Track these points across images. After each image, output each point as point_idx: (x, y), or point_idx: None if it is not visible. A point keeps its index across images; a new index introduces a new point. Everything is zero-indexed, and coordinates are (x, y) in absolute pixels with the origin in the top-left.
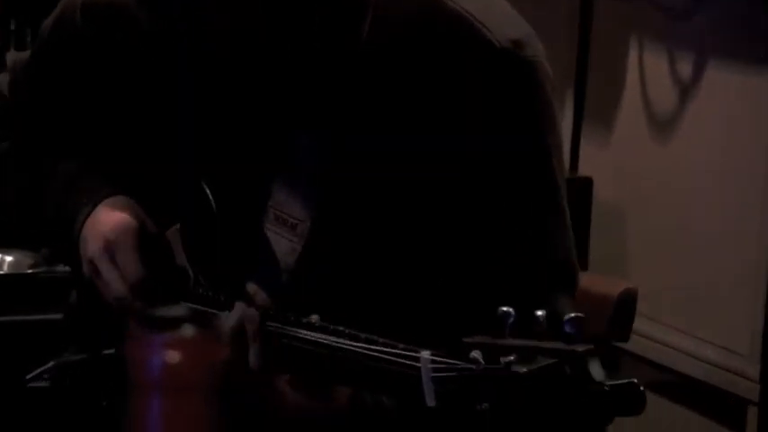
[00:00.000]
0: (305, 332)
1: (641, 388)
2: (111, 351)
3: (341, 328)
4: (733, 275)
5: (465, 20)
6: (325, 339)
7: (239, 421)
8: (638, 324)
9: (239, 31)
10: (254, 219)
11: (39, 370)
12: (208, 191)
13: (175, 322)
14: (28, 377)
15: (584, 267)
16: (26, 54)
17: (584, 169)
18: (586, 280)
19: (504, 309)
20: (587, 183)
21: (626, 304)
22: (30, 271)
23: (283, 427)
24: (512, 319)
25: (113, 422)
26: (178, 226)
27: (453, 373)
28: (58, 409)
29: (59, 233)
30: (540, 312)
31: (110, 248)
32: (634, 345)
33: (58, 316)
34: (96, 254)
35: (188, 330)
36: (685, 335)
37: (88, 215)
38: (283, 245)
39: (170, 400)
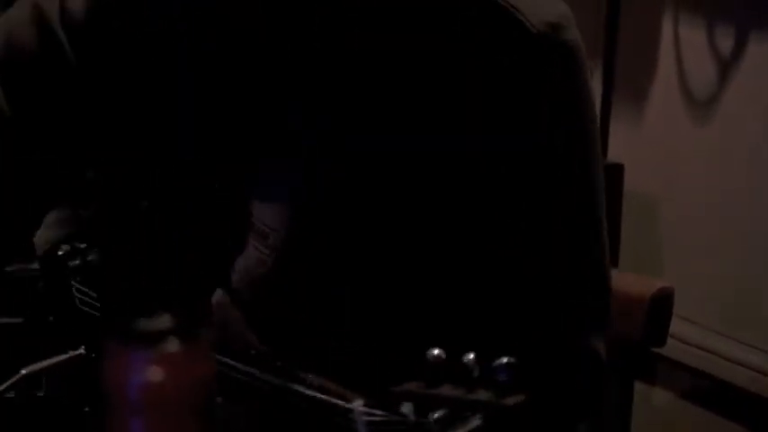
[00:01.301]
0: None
1: None
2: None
3: (279, 364)
4: None
5: (493, 3)
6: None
7: None
8: (675, 327)
9: (236, 19)
10: (228, 223)
11: (7, 383)
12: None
13: (158, 336)
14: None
15: (615, 264)
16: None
17: (613, 154)
18: (617, 279)
19: (435, 352)
20: (617, 169)
21: (661, 305)
22: None
23: None
24: (443, 365)
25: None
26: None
27: (388, 427)
28: (34, 419)
29: None
30: (470, 356)
31: None
32: (670, 349)
33: (19, 320)
34: None
35: (172, 345)
36: (727, 338)
37: None
38: (252, 256)
39: (151, 419)
